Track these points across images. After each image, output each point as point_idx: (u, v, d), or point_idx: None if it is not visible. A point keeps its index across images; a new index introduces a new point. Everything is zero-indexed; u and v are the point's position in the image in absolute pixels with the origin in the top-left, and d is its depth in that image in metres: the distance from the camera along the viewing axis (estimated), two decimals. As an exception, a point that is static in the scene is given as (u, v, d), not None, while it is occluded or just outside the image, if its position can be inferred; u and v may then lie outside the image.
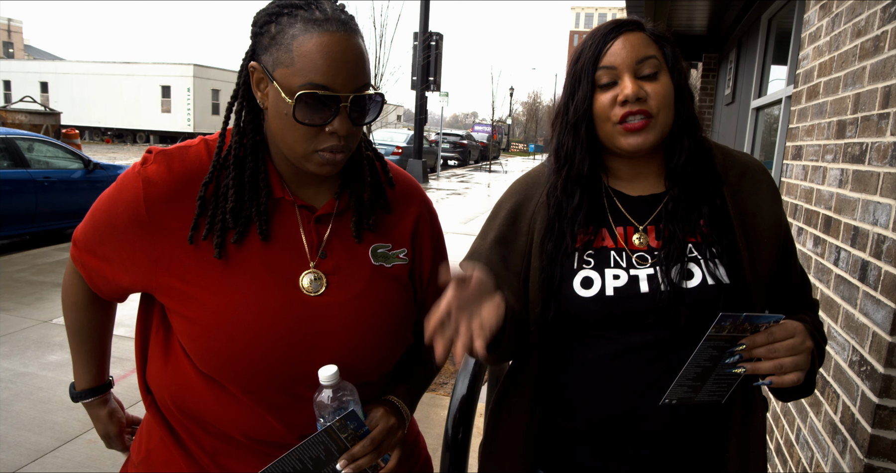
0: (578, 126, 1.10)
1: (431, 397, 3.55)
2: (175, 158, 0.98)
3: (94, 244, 1.02)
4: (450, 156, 26.97)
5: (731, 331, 0.94)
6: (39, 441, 2.86)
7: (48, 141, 7.52)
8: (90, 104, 30.13)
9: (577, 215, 1.12)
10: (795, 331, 0.97)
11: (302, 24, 0.89)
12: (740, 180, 1.14)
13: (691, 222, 1.10)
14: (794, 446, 2.03)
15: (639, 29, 1.09)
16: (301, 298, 0.97)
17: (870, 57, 1.73)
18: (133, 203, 0.96)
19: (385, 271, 1.05)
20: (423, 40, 16.61)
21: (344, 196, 1.05)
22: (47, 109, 12.72)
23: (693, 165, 1.11)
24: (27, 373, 3.58)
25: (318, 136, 0.92)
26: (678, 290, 1.04)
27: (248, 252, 0.97)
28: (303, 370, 0.96)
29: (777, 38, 5.10)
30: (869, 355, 1.50)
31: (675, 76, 1.08)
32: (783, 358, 0.96)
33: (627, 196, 1.16)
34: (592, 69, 1.07)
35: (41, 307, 4.78)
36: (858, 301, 1.61)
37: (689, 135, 1.10)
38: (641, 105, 1.04)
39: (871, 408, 1.44)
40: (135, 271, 0.99)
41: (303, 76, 0.88)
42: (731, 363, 0.96)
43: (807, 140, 2.29)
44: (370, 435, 0.95)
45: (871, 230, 1.58)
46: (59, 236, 7.68)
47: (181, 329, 0.98)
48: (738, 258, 1.08)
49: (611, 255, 1.10)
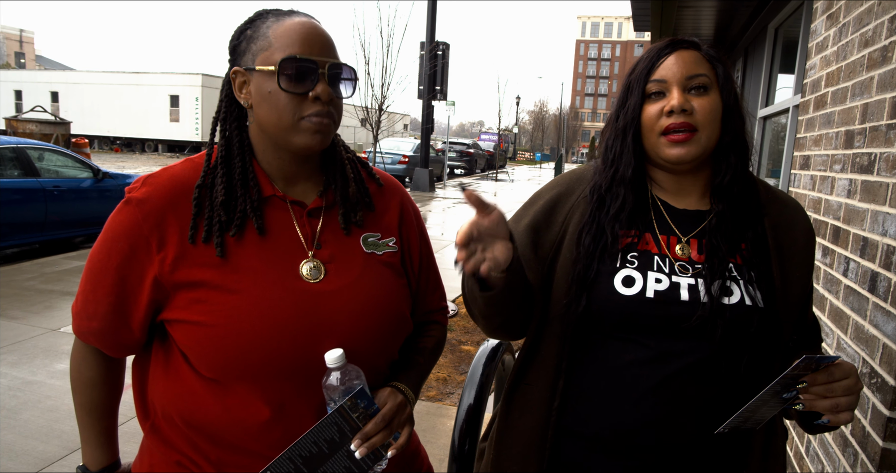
0: (626, 133, 1.15)
1: (438, 407, 3.54)
2: (161, 176, 1.04)
3: (102, 295, 1.03)
4: (456, 165, 27.00)
5: (800, 370, 0.96)
6: (47, 450, 2.86)
7: (58, 150, 7.58)
8: (100, 114, 30.39)
9: (619, 213, 1.14)
10: (851, 372, 1.00)
11: (274, 17, 1.03)
12: (779, 215, 1.17)
13: (734, 241, 1.12)
14: (804, 459, 2.01)
15: (693, 48, 1.13)
16: (302, 286, 1.02)
17: (878, 67, 1.73)
18: (132, 228, 1.00)
19: (377, 258, 1.12)
20: (430, 50, 16.69)
21: (329, 192, 1.12)
22: (57, 119, 12.84)
23: (739, 185, 1.13)
24: (35, 382, 3.59)
25: (303, 103, 1.00)
26: (718, 304, 1.06)
27: (247, 248, 1.02)
28: (310, 356, 0.99)
29: (784, 48, 5.10)
30: (879, 367, 1.48)
31: (724, 95, 1.12)
32: (839, 398, 0.98)
33: (673, 207, 1.18)
34: (644, 81, 1.12)
35: (50, 316, 4.80)
36: (868, 313, 1.60)
37: (735, 154, 1.13)
38: (686, 118, 1.08)
39: (882, 421, 1.43)
40: (143, 292, 1.01)
41: (282, 51, 0.99)
42: (789, 398, 0.99)
43: (814, 150, 2.28)
44: (381, 412, 0.99)
45: (880, 241, 1.57)
46: (68, 245, 7.73)
47: (188, 337, 0.99)
48: (772, 286, 1.10)
49: (654, 259, 1.12)
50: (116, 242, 1.00)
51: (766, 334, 1.06)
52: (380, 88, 15.14)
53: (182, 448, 1.05)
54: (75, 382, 1.14)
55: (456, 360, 4.29)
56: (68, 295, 5.38)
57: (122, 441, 1.21)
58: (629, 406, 1.07)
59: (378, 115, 15.18)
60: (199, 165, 1.07)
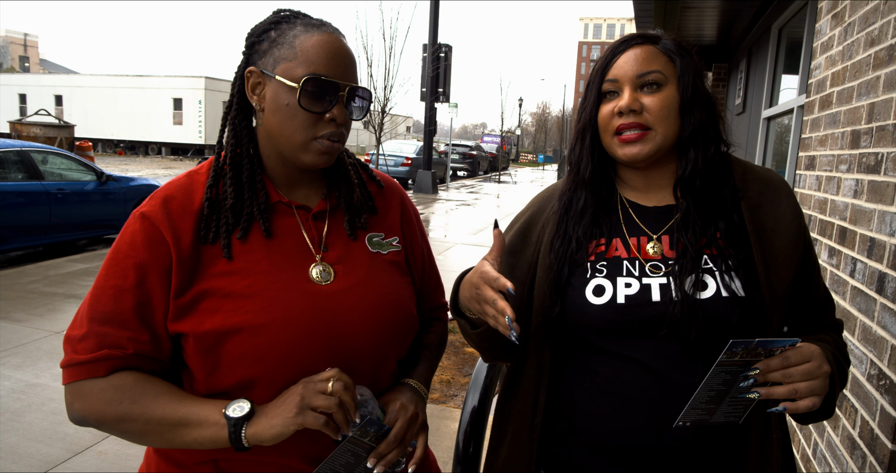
0: (584, 134, 1.15)
1: (442, 409, 3.53)
2: (168, 188, 1.04)
3: (114, 313, 0.96)
4: (459, 167, 27.01)
5: (744, 356, 0.92)
6: (50, 453, 2.86)
7: (62, 153, 7.60)
8: (103, 117, 30.52)
9: (582, 216, 1.14)
10: (812, 355, 0.96)
11: (303, 26, 1.01)
12: (760, 196, 1.13)
13: (707, 234, 1.09)
14: (812, 461, 1.99)
15: (649, 42, 1.11)
16: (313, 288, 1.03)
17: (884, 66, 1.71)
18: (150, 238, 0.97)
19: (382, 257, 1.14)
20: (433, 52, 16.70)
21: (332, 195, 1.13)
22: (61, 122, 12.89)
23: (703, 178, 1.10)
24: (39, 384, 3.59)
25: (318, 123, 1.00)
26: (691, 301, 1.03)
27: (255, 254, 1.02)
28: (325, 357, 1.00)
29: (788, 48, 5.09)
30: (888, 368, 1.47)
31: (682, 89, 1.09)
32: (798, 383, 0.94)
33: (642, 207, 1.16)
34: (600, 81, 1.12)
35: (54, 318, 4.81)
36: (876, 314, 1.59)
37: (696, 147, 1.10)
38: (636, 117, 1.07)
39: (890, 423, 1.41)
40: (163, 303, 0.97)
41: (306, 67, 0.98)
42: (745, 387, 0.95)
43: (820, 150, 2.27)
44: (392, 433, 0.99)
45: (887, 242, 1.56)
46: (72, 248, 7.73)
47: (198, 352, 0.96)
48: (754, 272, 1.07)
49: (623, 264, 1.11)
50: (132, 256, 0.97)
51: (751, 323, 1.03)
52: (382, 91, 15.16)
53: (191, 466, 1.03)
54: (112, 412, 0.94)
55: (460, 362, 4.28)
56: (72, 298, 5.38)
57: (125, 444, 1.19)
58: (610, 414, 1.07)
59: (381, 117, 15.19)
60: (203, 176, 1.06)
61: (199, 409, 0.93)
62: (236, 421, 0.91)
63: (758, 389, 0.94)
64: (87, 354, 0.94)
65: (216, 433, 0.91)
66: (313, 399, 0.91)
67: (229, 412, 0.92)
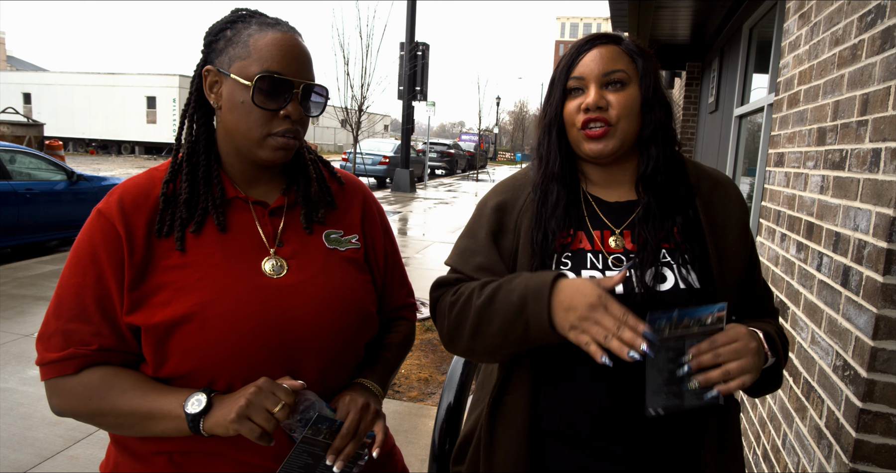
0: (551, 129, 1.19)
1: (420, 407, 3.53)
2: (125, 185, 1.05)
3: (78, 309, 0.98)
4: (437, 165, 27.01)
5: (673, 330, 0.96)
6: (19, 459, 2.80)
7: (31, 153, 7.43)
8: (74, 115, 29.88)
9: (556, 209, 1.17)
10: (738, 335, 1.01)
11: (257, 26, 1.03)
12: (711, 193, 1.20)
13: (665, 229, 1.14)
14: (781, 451, 2.04)
15: (613, 42, 1.15)
16: (265, 281, 1.03)
17: (848, 65, 1.75)
18: (105, 233, 0.99)
19: (339, 253, 1.14)
20: (410, 50, 16.66)
21: (291, 192, 1.13)
22: (30, 121, 12.59)
23: (664, 174, 1.16)
24: (7, 389, 3.51)
25: (273, 120, 1.02)
26: (652, 292, 1.08)
27: (209, 248, 1.03)
28: (276, 351, 1.00)
29: (758, 47, 5.17)
30: (852, 359, 1.51)
31: (643, 89, 1.14)
32: (730, 364, 0.98)
33: (605, 201, 1.20)
34: (565, 78, 1.16)
35: (22, 321, 4.70)
36: (841, 306, 1.62)
37: (657, 145, 1.15)
38: (601, 113, 1.11)
39: (855, 413, 1.45)
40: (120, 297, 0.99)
41: (260, 65, 0.99)
42: (683, 375, 0.98)
43: (788, 147, 2.32)
44: (344, 426, 0.99)
45: (852, 236, 1.59)
46: (42, 249, 7.56)
47: (150, 344, 0.98)
48: (708, 265, 1.12)
49: (588, 256, 1.14)
50: (92, 249, 0.99)
51: None
52: (359, 89, 15.09)
53: (148, 456, 1.03)
54: (84, 406, 0.98)
55: (438, 360, 4.28)
56: (41, 300, 5.27)
57: (97, 447, 1.18)
58: (579, 400, 1.11)
59: (358, 115, 15.12)
60: (162, 173, 1.08)
61: (163, 403, 0.96)
62: (193, 417, 0.94)
63: (696, 377, 0.99)
64: (57, 352, 0.98)
65: (179, 425, 0.95)
66: (255, 413, 0.91)
67: (188, 407, 0.94)
